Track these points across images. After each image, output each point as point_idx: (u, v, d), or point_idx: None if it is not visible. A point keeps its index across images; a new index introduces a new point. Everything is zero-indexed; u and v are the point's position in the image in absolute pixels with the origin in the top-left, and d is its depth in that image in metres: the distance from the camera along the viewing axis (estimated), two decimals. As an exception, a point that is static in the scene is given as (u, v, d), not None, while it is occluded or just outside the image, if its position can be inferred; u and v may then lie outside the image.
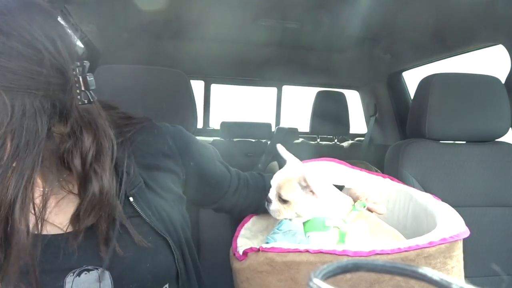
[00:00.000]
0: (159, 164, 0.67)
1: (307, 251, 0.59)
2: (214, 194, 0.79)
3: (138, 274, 0.61)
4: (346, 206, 0.73)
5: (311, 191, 0.70)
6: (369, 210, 0.74)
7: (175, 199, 0.70)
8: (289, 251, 0.61)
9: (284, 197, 0.72)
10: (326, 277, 0.21)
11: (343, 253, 0.56)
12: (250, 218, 0.88)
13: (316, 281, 0.20)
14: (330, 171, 0.92)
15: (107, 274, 0.59)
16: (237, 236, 0.80)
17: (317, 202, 0.71)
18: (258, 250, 0.67)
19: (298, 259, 0.59)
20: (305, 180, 0.69)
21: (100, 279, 0.59)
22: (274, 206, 0.74)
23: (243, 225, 0.86)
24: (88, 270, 0.59)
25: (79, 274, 0.58)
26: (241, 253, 0.70)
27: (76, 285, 0.58)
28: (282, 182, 0.72)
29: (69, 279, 0.58)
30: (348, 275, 0.22)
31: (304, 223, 0.74)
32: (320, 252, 0.58)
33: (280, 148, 0.77)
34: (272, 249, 0.63)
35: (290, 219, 0.78)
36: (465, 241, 0.61)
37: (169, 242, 0.64)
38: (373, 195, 0.78)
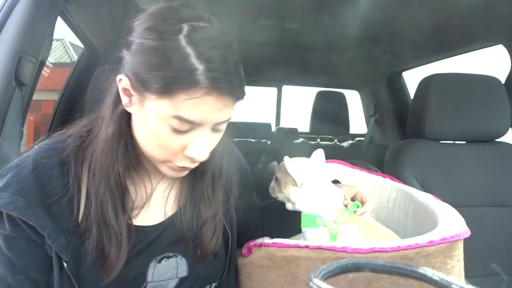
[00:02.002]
0: (232, 170, 0.74)
1: (307, 246, 0.59)
2: (246, 214, 0.83)
3: (208, 263, 0.66)
4: (337, 206, 0.73)
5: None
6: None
7: (232, 206, 0.76)
8: (289, 246, 0.62)
9: (276, 174, 0.80)
10: (326, 277, 0.21)
11: (342, 250, 0.56)
12: None
13: (316, 281, 0.20)
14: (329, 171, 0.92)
15: (184, 261, 0.64)
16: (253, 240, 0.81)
17: (303, 192, 0.75)
18: (261, 245, 0.67)
19: (297, 254, 0.60)
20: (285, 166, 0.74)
21: (178, 266, 0.64)
22: (272, 183, 0.82)
23: None
24: (168, 257, 0.64)
25: (160, 261, 0.63)
26: (247, 249, 0.72)
27: (157, 270, 0.62)
28: (282, 164, 0.79)
29: (151, 265, 0.62)
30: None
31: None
32: (320, 248, 0.58)
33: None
34: (273, 244, 0.65)
35: (284, 202, 0.80)
36: (465, 241, 0.61)
37: (229, 238, 0.70)
38: (361, 192, 0.77)
